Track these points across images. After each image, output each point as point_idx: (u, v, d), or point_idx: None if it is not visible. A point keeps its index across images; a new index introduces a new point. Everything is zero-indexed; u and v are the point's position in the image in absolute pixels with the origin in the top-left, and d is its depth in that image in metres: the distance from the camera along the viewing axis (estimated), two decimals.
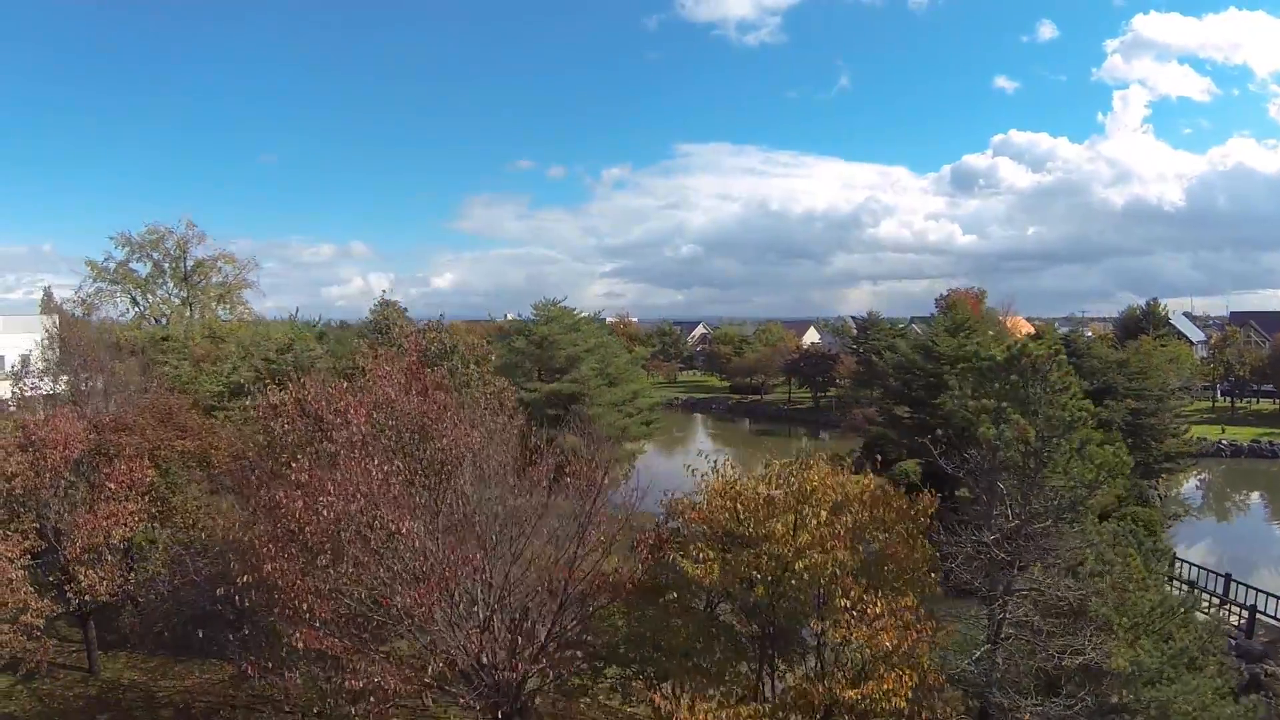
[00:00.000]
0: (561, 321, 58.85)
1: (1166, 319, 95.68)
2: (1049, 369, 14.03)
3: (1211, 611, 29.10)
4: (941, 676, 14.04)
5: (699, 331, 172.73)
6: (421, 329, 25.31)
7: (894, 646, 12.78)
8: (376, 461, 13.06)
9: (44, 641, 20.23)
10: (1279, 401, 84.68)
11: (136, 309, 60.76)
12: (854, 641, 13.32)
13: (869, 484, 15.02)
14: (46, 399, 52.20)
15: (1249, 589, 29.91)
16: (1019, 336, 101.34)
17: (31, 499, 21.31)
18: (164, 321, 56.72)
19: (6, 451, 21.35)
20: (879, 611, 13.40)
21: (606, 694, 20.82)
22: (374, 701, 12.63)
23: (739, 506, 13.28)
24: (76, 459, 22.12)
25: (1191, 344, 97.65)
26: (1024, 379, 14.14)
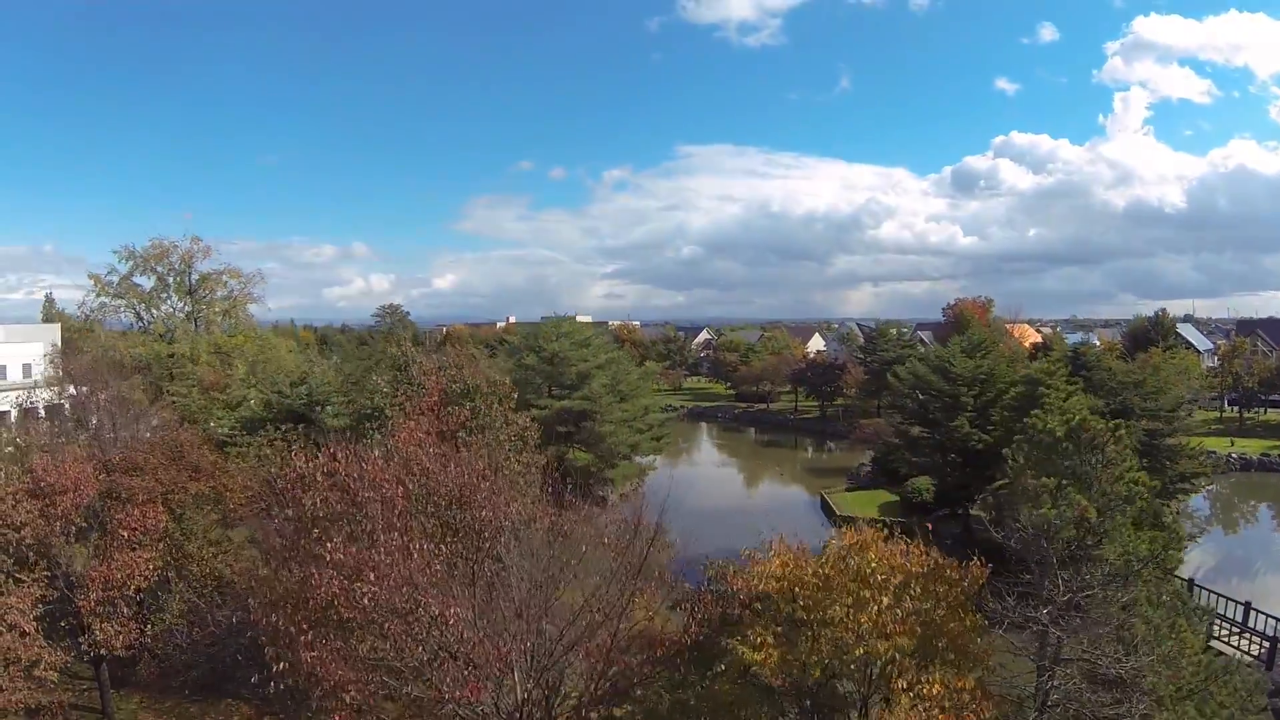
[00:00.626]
0: (572, 337, 58.26)
1: (1174, 329, 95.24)
2: (1107, 442, 13.51)
3: (1229, 639, 28.43)
4: None
5: (703, 337, 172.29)
6: (441, 365, 24.65)
7: None
8: (418, 543, 12.48)
9: (59, 695, 19.66)
10: None
11: (141, 323, 60.17)
12: None
13: (921, 556, 14.45)
14: (49, 410, 51.74)
15: (1269, 617, 28.99)
16: (1026, 346, 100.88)
17: (42, 547, 20.74)
18: (169, 338, 56.07)
19: (15, 499, 20.75)
20: (937, 692, 12.93)
21: None
22: None
23: (797, 590, 12.74)
24: (87, 504, 21.60)
25: (1199, 353, 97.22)
26: (1082, 453, 13.64)
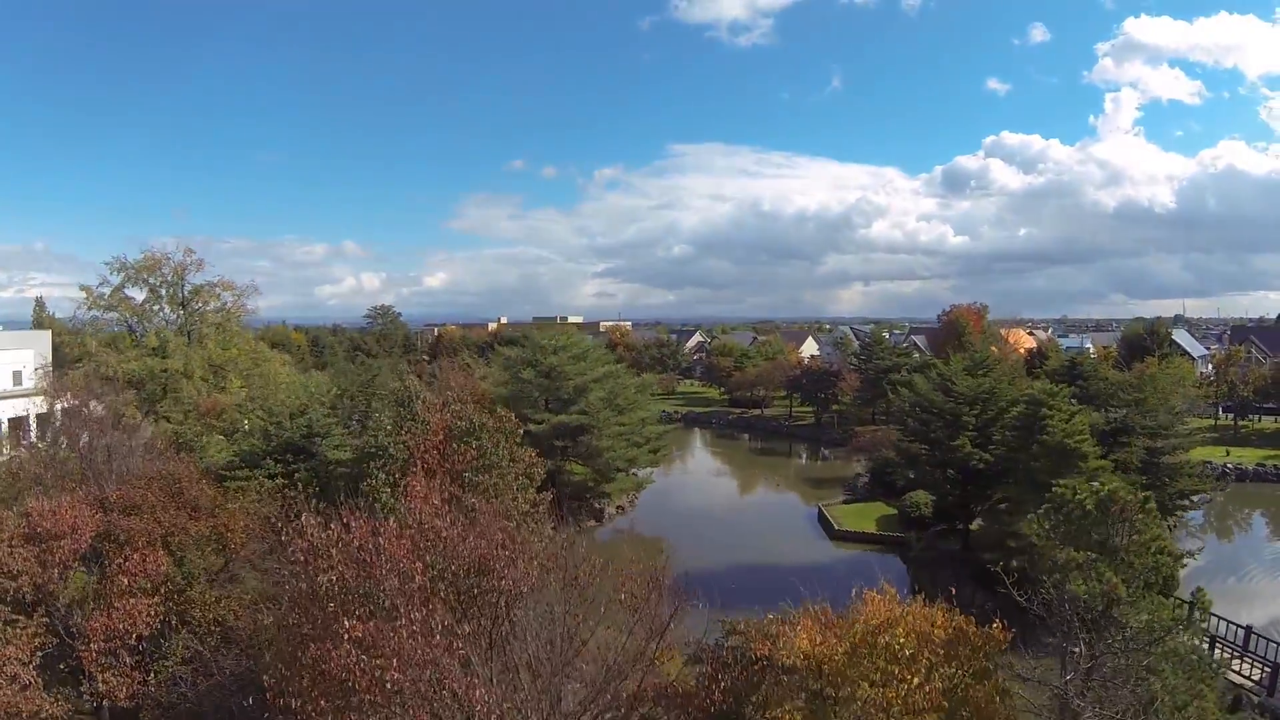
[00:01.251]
0: (569, 350, 57.88)
1: (1169, 337, 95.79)
2: (1135, 513, 13.36)
3: (1230, 664, 28.32)
4: None
5: (696, 340, 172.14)
6: (446, 401, 24.29)
7: None
8: (439, 620, 12.15)
9: None
10: None
11: (133, 335, 59.49)
12: None
13: (945, 620, 14.25)
14: (40, 419, 50.96)
15: (1269, 642, 28.85)
16: (1021, 352, 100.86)
17: (41, 594, 20.29)
18: (162, 351, 55.44)
19: (10, 545, 20.28)
20: None
21: None
22: None
23: (824, 667, 12.49)
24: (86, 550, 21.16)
25: (1193, 359, 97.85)
26: (1111, 525, 13.48)
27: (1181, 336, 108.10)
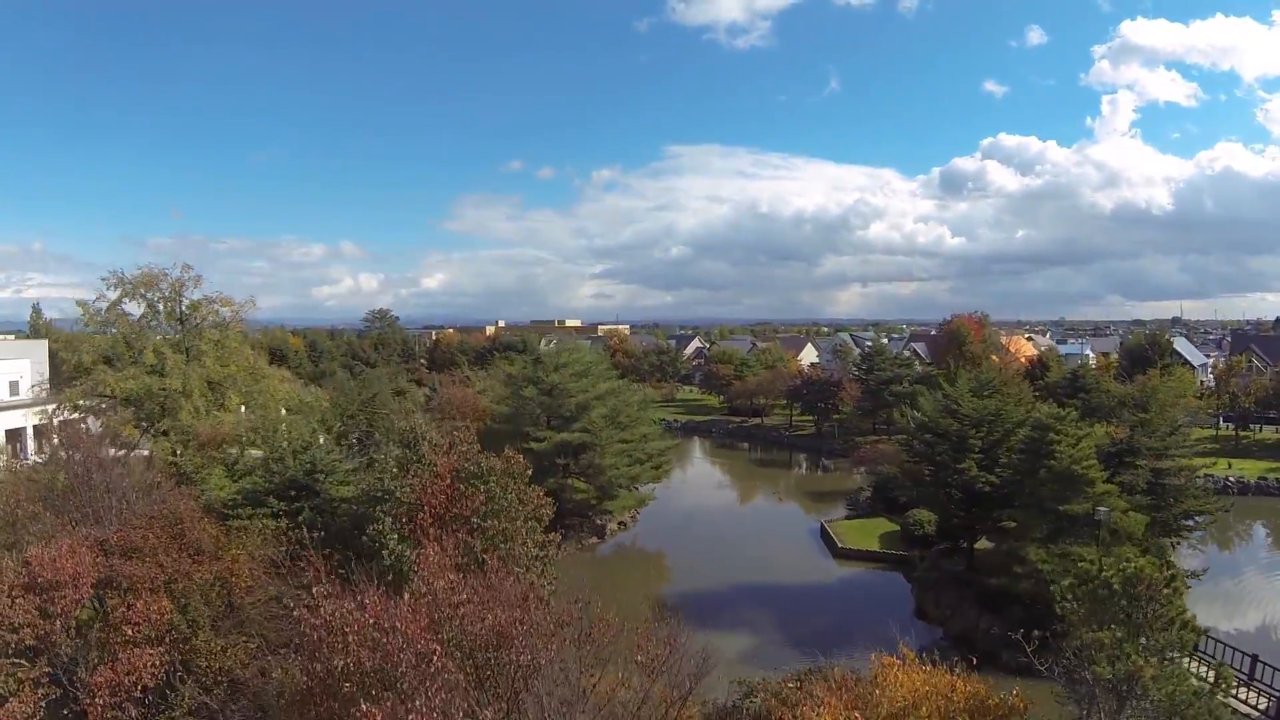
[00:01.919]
0: (571, 368, 57.61)
1: (1171, 347, 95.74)
2: (1162, 591, 13.17)
3: (1235, 692, 28.10)
4: None
5: (694, 345, 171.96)
6: (453, 443, 23.99)
7: None
8: (459, 704, 11.88)
9: None
10: None
11: (130, 350, 58.96)
12: None
13: (963, 688, 14.04)
14: (37, 432, 50.35)
15: (1275, 670, 28.59)
16: (1022, 361, 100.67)
17: (43, 645, 19.96)
18: (159, 368, 54.93)
19: (11, 596, 19.94)
20: None
21: None
22: None
23: None
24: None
25: (1193, 368, 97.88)
26: (1137, 604, 13.29)
27: (1182, 345, 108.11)
